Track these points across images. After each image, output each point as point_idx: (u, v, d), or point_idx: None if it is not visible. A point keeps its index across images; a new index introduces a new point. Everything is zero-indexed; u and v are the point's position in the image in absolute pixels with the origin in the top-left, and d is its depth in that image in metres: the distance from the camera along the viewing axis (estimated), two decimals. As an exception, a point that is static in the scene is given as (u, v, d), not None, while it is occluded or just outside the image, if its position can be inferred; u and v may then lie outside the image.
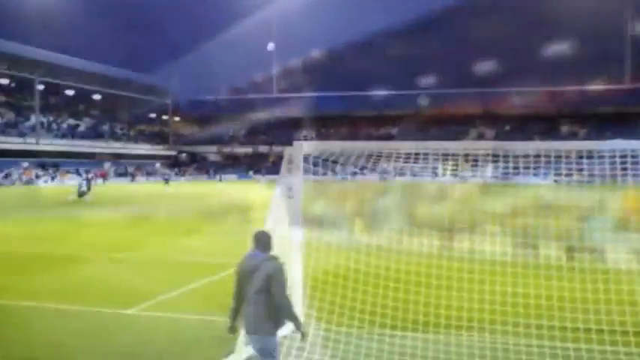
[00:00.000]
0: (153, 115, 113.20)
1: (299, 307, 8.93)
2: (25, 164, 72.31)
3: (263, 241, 6.18)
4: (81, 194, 39.48)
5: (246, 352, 7.65)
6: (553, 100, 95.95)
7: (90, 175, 52.85)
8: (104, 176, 74.88)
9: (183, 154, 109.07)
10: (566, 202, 12.21)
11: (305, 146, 9.05)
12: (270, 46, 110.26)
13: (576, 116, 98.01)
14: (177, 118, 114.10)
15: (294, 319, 5.98)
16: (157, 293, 11.46)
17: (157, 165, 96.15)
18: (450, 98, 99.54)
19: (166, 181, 62.35)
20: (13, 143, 74.74)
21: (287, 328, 8.63)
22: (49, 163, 78.25)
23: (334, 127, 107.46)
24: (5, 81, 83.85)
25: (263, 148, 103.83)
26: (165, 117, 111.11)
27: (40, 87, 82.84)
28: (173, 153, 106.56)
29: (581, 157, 8.54)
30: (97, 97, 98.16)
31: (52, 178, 71.20)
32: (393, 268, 9.38)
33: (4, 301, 10.96)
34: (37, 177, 70.64)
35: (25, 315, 10.10)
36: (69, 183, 58.57)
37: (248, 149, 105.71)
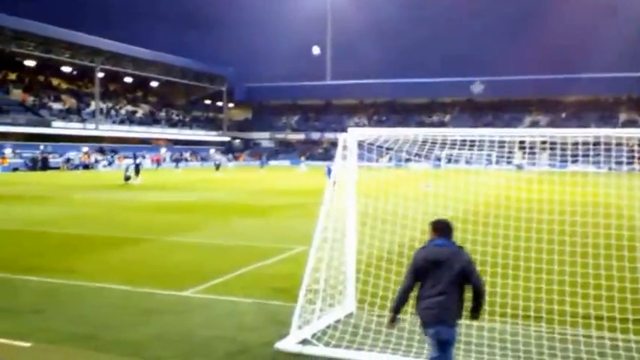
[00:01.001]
0: (208, 102, 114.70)
1: (351, 289, 8.97)
2: (85, 149, 74.34)
3: (446, 229, 5.94)
4: (126, 179, 40.54)
5: (301, 335, 7.72)
6: (611, 86, 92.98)
7: (138, 161, 53.83)
8: (158, 161, 76.19)
9: (237, 140, 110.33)
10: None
11: (359, 132, 9.06)
12: (316, 49, 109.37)
13: (635, 103, 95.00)
14: (231, 105, 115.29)
15: (482, 306, 5.88)
16: (211, 276, 11.65)
17: (212, 151, 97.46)
18: (503, 85, 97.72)
19: (217, 166, 63.07)
20: (74, 129, 76.88)
21: (341, 312, 8.70)
22: (108, 147, 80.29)
23: (386, 114, 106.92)
24: (68, 69, 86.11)
25: (315, 135, 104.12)
26: (220, 103, 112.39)
27: (101, 74, 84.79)
28: (227, 139, 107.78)
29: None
30: (154, 84, 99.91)
31: (110, 163, 73.02)
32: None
33: (65, 281, 11.32)
34: (96, 161, 72.55)
35: (86, 294, 10.42)
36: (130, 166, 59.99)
37: (300, 136, 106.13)
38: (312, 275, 7.99)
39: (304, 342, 7.59)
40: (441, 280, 5.65)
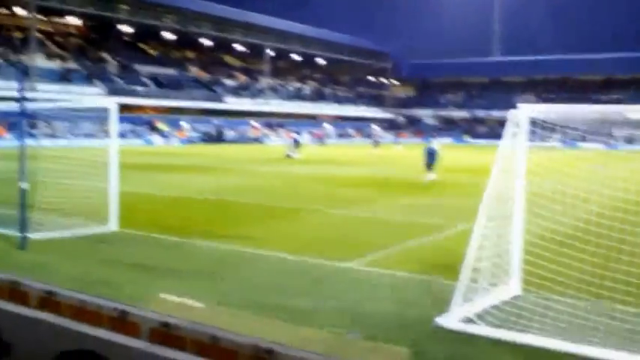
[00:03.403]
0: (372, 79, 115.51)
1: (517, 270, 8.75)
2: (255, 123, 77.93)
3: None
4: (287, 156, 42.44)
5: (463, 313, 7.66)
6: None
7: (297, 137, 55.04)
8: (320, 137, 77.88)
9: (400, 117, 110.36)
10: None
11: (531, 109, 8.75)
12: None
13: None
14: (395, 82, 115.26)
15: None
16: (373, 249, 11.83)
17: (374, 127, 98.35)
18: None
19: (376, 143, 63.24)
20: (244, 104, 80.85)
21: (505, 293, 8.52)
22: (276, 122, 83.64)
23: (556, 91, 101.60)
24: (240, 47, 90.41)
25: (480, 112, 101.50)
26: (384, 80, 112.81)
27: (270, 52, 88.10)
28: (391, 116, 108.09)
29: None
30: (321, 61, 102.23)
31: (277, 137, 75.99)
32: (628, 241, 8.72)
33: (237, 247, 11.97)
34: (265, 135, 75.83)
35: (255, 261, 10.98)
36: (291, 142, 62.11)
37: (465, 113, 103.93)
38: (476, 253, 7.89)
39: (466, 320, 7.53)
40: None
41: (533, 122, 8.80)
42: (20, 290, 3.87)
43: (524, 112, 8.58)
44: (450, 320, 7.50)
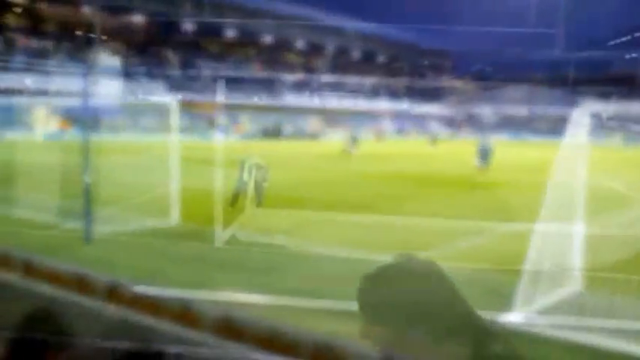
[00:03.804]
0: (431, 75, 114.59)
1: (577, 269, 8.59)
2: (313, 119, 78.38)
3: None
4: (345, 151, 42.58)
5: (524, 310, 7.57)
6: None
7: (354, 134, 55.16)
8: (378, 132, 77.53)
9: (459, 113, 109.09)
10: None
11: (593, 107, 8.56)
12: None
13: None
14: (454, 78, 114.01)
15: None
16: (430, 247, 11.75)
17: (433, 123, 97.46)
18: None
19: (433, 139, 62.66)
20: (303, 100, 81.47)
21: (566, 291, 8.36)
22: (334, 118, 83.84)
23: (621, 88, 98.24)
24: (299, 44, 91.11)
25: (540, 109, 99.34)
26: (443, 77, 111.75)
27: (330, 49, 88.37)
28: (449, 112, 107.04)
29: None
30: (380, 58, 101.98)
31: (335, 133, 76.13)
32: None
33: (295, 242, 12.10)
34: (323, 131, 76.17)
35: (312, 257, 11.10)
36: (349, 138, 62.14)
37: (524, 110, 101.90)
38: (537, 251, 7.78)
39: (527, 318, 7.45)
40: None
41: (595, 120, 8.62)
42: (85, 282, 4.00)
43: (586, 109, 8.41)
44: (511, 318, 7.43)
